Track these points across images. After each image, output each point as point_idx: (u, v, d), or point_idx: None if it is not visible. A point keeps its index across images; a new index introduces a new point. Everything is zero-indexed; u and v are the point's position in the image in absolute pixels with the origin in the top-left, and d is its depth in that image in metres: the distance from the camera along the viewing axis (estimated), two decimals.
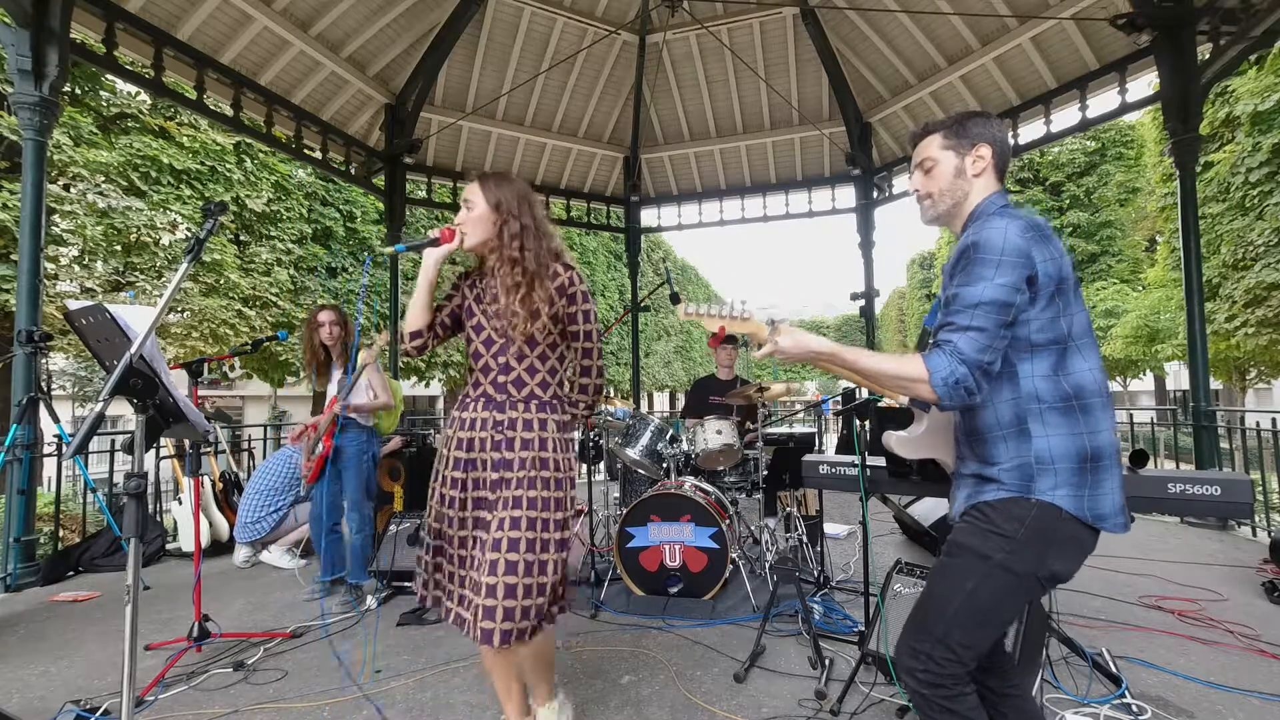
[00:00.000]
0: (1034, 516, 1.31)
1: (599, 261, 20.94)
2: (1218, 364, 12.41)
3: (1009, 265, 1.28)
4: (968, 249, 1.33)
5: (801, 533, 3.70)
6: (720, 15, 7.18)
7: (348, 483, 3.50)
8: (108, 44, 4.64)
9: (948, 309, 1.33)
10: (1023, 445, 1.33)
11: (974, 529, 1.37)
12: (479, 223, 1.88)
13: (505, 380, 1.86)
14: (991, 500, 1.36)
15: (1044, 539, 1.32)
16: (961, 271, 1.33)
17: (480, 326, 1.90)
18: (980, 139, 1.45)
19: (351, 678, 2.55)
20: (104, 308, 1.88)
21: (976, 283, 1.29)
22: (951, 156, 1.47)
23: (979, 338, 1.27)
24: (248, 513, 4.36)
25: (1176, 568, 3.81)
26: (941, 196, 1.48)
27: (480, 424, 1.85)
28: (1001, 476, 1.35)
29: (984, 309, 1.28)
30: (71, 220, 7.95)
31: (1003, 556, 1.32)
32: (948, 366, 1.27)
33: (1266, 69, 9.50)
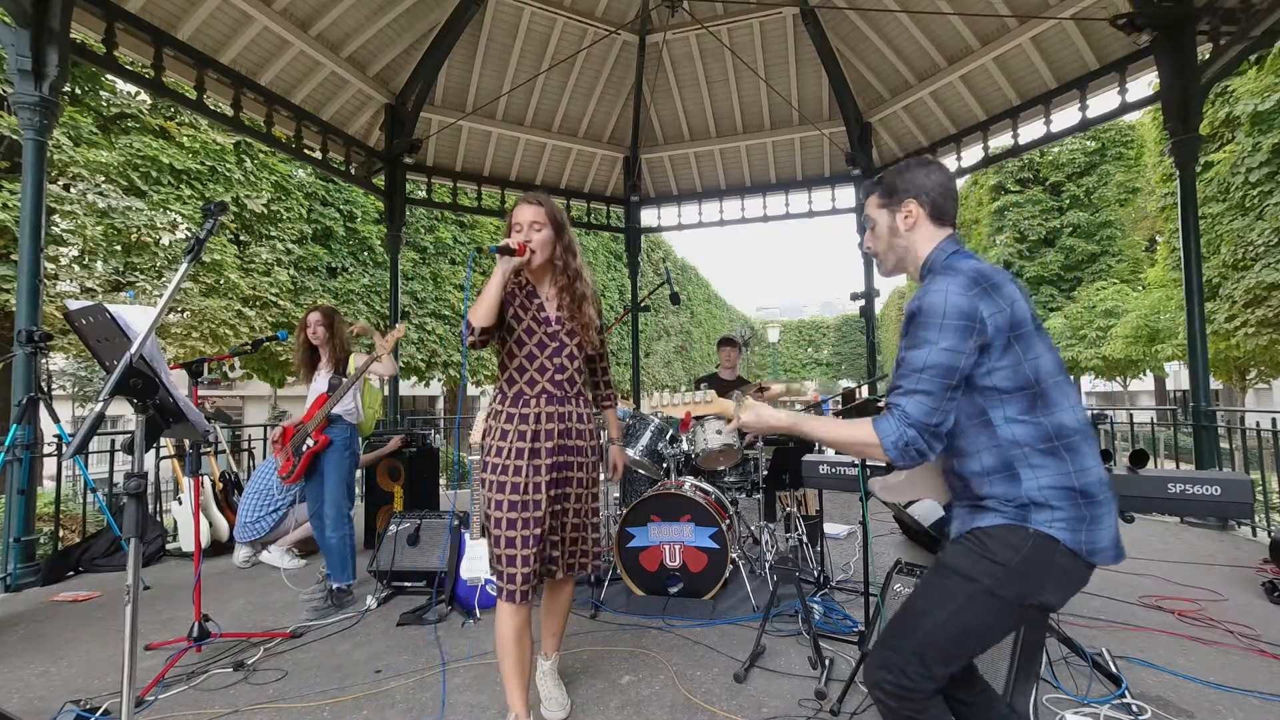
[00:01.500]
0: (1030, 547, 1.31)
1: (599, 261, 20.93)
2: (1218, 364, 12.41)
3: (951, 329, 1.31)
4: (913, 314, 1.36)
5: (801, 533, 3.70)
6: (720, 15, 7.18)
7: (329, 478, 3.43)
8: (108, 44, 4.64)
9: (896, 371, 1.37)
10: (1014, 487, 1.34)
11: (966, 552, 1.37)
12: (548, 243, 2.13)
13: (562, 379, 2.15)
14: (988, 527, 1.35)
15: (1039, 569, 1.31)
16: (908, 335, 1.37)
17: (531, 330, 2.13)
18: (906, 195, 1.49)
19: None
20: (104, 308, 1.88)
21: (921, 346, 1.33)
22: (885, 215, 1.53)
23: (925, 401, 1.31)
24: (247, 512, 4.36)
25: (1176, 568, 3.81)
26: (886, 254, 1.55)
27: (546, 418, 2.11)
28: (1000, 506, 1.35)
29: (929, 373, 1.31)
30: (71, 220, 7.95)
31: (990, 583, 1.32)
32: (896, 430, 1.31)
33: (1266, 69, 9.51)
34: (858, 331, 33.92)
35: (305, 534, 4.37)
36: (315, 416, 3.42)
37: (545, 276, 2.20)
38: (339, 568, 3.43)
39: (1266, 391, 21.93)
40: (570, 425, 2.15)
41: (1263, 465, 5.11)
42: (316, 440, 3.41)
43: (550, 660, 2.34)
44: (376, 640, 2.96)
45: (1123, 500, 2.12)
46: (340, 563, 3.43)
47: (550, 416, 2.11)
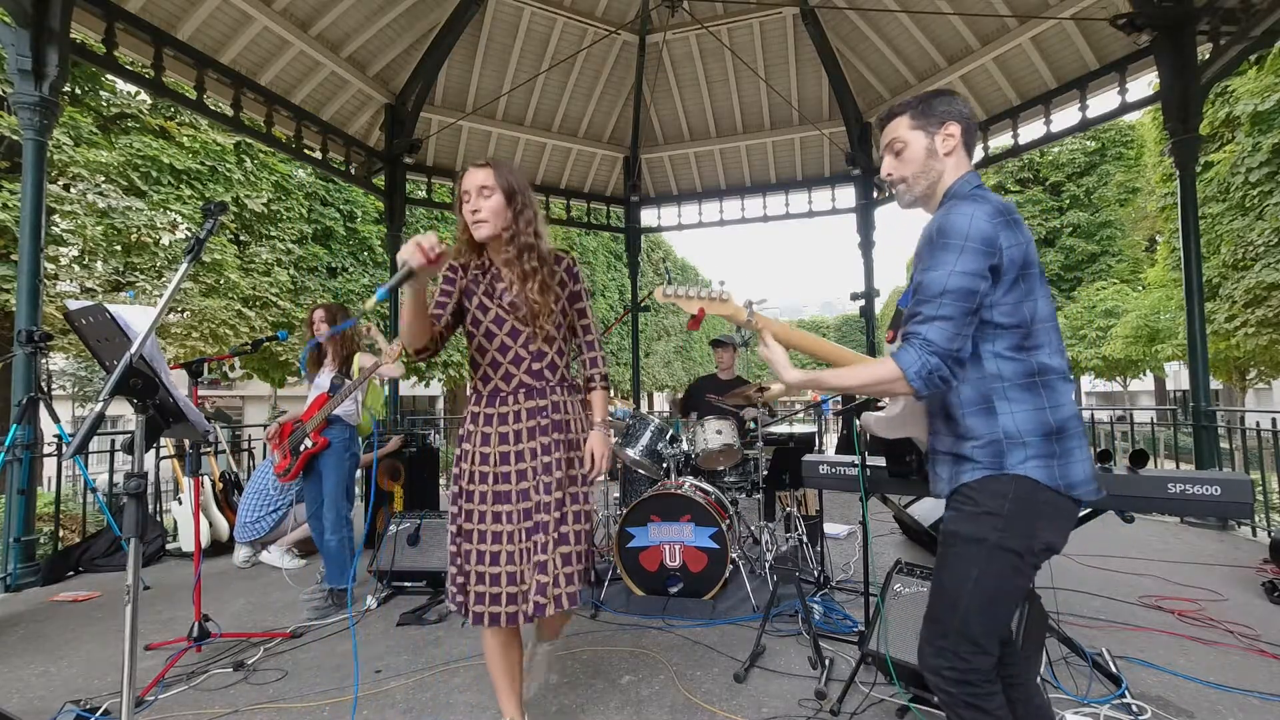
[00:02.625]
0: (1013, 491, 1.33)
1: (599, 261, 20.93)
2: (1218, 364, 12.41)
3: (971, 252, 1.29)
4: (933, 234, 1.33)
5: (801, 533, 3.70)
6: (720, 15, 7.18)
7: (327, 479, 3.37)
8: (108, 44, 4.64)
9: (914, 298, 1.34)
10: (990, 422, 1.35)
11: (962, 514, 1.39)
12: (498, 212, 1.82)
13: (541, 366, 1.90)
14: (971, 481, 1.37)
15: (1029, 511, 1.33)
16: (926, 257, 1.34)
17: (501, 319, 1.87)
18: (948, 116, 1.44)
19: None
20: (104, 308, 1.88)
21: (939, 268, 1.30)
22: (921, 137, 1.45)
23: (946, 326, 1.29)
24: (247, 512, 4.35)
25: (1176, 568, 3.81)
26: (915, 179, 1.47)
27: (527, 414, 1.88)
28: (975, 454, 1.37)
29: (949, 297, 1.29)
30: (71, 220, 7.95)
31: (997, 536, 1.33)
32: (918, 359, 1.29)
33: (1266, 69, 9.50)
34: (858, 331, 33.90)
35: (306, 534, 4.37)
36: (315, 416, 3.38)
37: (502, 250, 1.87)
38: (337, 571, 3.37)
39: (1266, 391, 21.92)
40: (558, 418, 1.89)
41: (1263, 465, 5.11)
42: (315, 441, 3.38)
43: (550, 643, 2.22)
44: (376, 640, 2.95)
45: (1123, 500, 2.12)
46: (339, 566, 3.37)
47: (531, 412, 1.87)
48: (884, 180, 1.51)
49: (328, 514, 3.36)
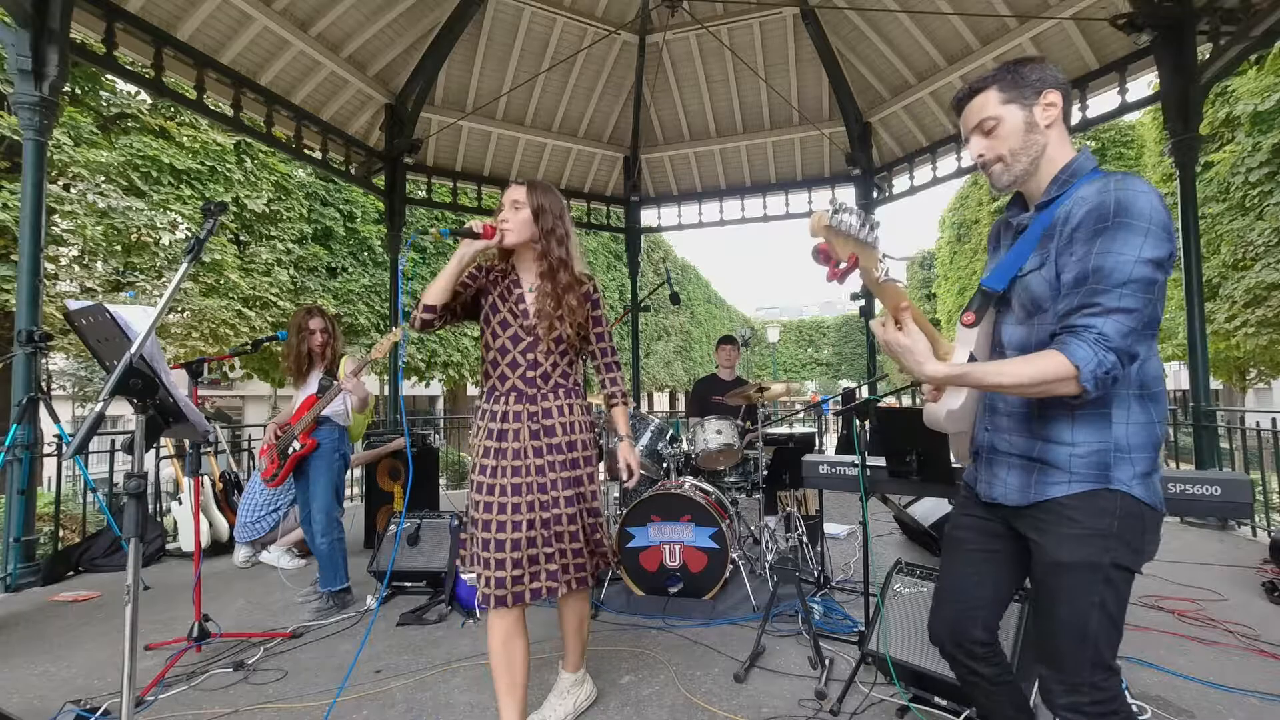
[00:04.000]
0: (1120, 508, 1.22)
1: (599, 261, 20.92)
2: (1218, 364, 12.41)
3: (1157, 237, 1.13)
4: (1107, 211, 1.15)
5: (801, 533, 3.70)
6: (720, 15, 7.18)
7: (316, 481, 3.32)
8: (108, 44, 4.64)
9: (1084, 286, 1.16)
10: (1101, 430, 1.22)
11: (1067, 538, 1.24)
12: (524, 225, 2.01)
13: (534, 375, 2.02)
14: (1064, 498, 1.24)
15: (1136, 525, 1.23)
16: (1101, 237, 1.15)
17: (507, 323, 2.03)
18: (1044, 84, 1.28)
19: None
20: (104, 308, 1.88)
21: (1124, 253, 1.13)
22: (1016, 110, 1.29)
23: (1126, 320, 1.13)
24: (247, 513, 4.35)
25: (1176, 568, 3.80)
26: (1016, 156, 1.30)
27: (515, 416, 2.00)
28: (1074, 465, 1.24)
29: (1133, 287, 1.12)
30: (71, 220, 7.95)
31: (1111, 557, 1.22)
32: (1095, 357, 1.12)
33: (1266, 69, 9.50)
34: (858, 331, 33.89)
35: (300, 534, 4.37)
36: (303, 419, 3.35)
37: (529, 261, 2.08)
38: (330, 574, 3.34)
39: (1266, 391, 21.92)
40: (551, 423, 2.00)
41: (1263, 465, 5.11)
42: (304, 443, 3.33)
43: (573, 674, 2.20)
44: (376, 640, 2.95)
45: None
46: (331, 569, 3.33)
47: (519, 415, 1.99)
48: (976, 162, 1.35)
49: (316, 517, 3.30)
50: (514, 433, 1.98)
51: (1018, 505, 1.32)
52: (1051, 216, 1.26)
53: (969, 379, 1.24)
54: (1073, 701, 1.25)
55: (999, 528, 1.42)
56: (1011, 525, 1.38)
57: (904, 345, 1.19)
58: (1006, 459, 1.35)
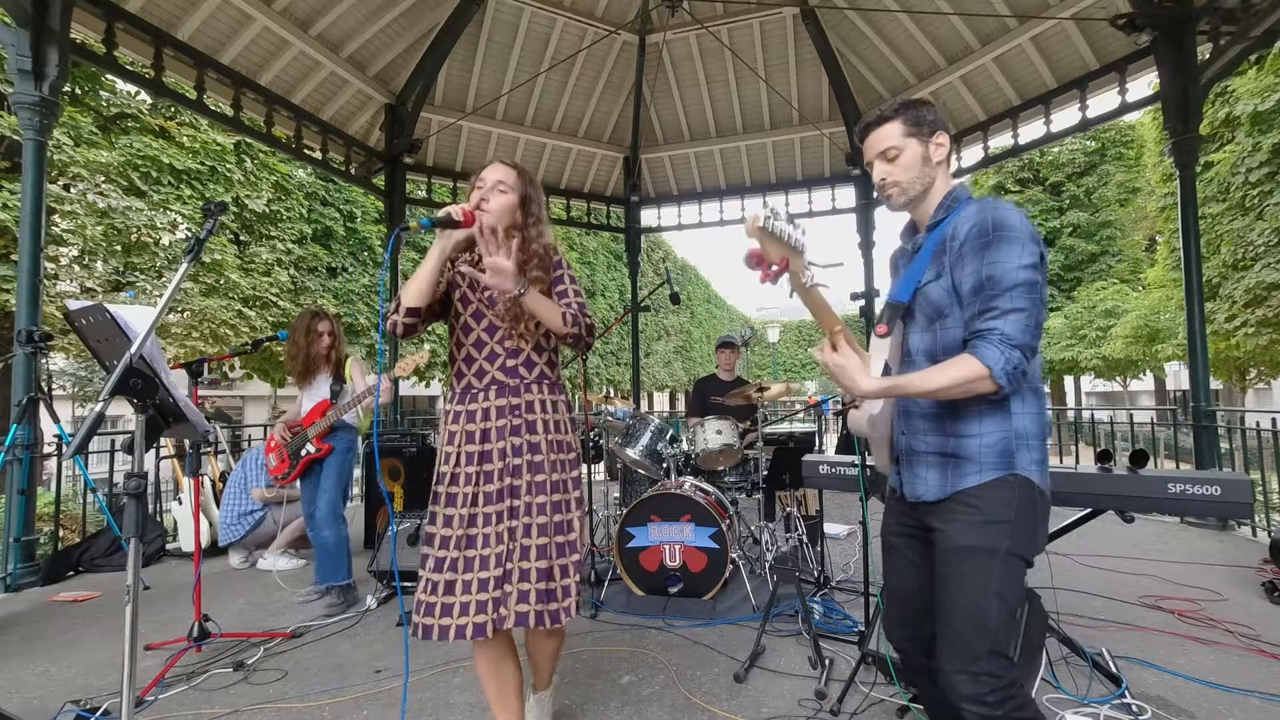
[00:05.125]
0: (1019, 495, 1.35)
1: (599, 261, 20.93)
2: (1218, 364, 12.42)
3: (1029, 246, 1.31)
4: (987, 227, 1.33)
5: (801, 533, 3.70)
6: (720, 15, 7.17)
7: (327, 479, 3.41)
8: (108, 44, 4.63)
9: (981, 294, 1.32)
10: (1004, 421, 1.36)
11: (969, 526, 1.35)
12: (506, 211, 1.83)
13: (516, 364, 1.84)
14: (974, 486, 1.36)
15: (1030, 514, 1.36)
16: (987, 251, 1.32)
17: (480, 314, 1.86)
18: (937, 126, 1.47)
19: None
20: (104, 308, 1.88)
21: (1007, 262, 1.30)
22: (915, 144, 1.47)
23: (1020, 319, 1.28)
24: (225, 514, 4.35)
25: (1176, 568, 3.81)
26: (912, 184, 1.48)
27: (497, 413, 1.81)
28: (982, 455, 1.36)
29: (1021, 289, 1.29)
30: (71, 220, 7.96)
31: (1009, 544, 1.33)
32: (1002, 355, 1.26)
33: (1266, 69, 9.51)
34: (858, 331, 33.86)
35: (295, 533, 4.36)
36: (317, 423, 3.41)
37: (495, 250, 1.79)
38: (334, 567, 3.36)
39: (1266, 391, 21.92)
40: (533, 418, 1.82)
41: (1263, 465, 5.11)
42: (318, 447, 3.41)
43: (542, 692, 2.04)
44: (376, 640, 2.95)
45: (1123, 500, 2.12)
46: (336, 562, 3.36)
47: (502, 411, 1.80)
48: (877, 185, 1.52)
49: (323, 511, 3.36)
50: (497, 431, 1.79)
51: (937, 499, 1.42)
52: (940, 235, 1.43)
53: (899, 390, 1.35)
54: (975, 692, 1.29)
55: (923, 529, 1.49)
56: (927, 522, 1.46)
57: (839, 364, 1.31)
58: (925, 458, 1.45)
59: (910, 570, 1.53)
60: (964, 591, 1.34)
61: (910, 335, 1.50)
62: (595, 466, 5.02)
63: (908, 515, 1.53)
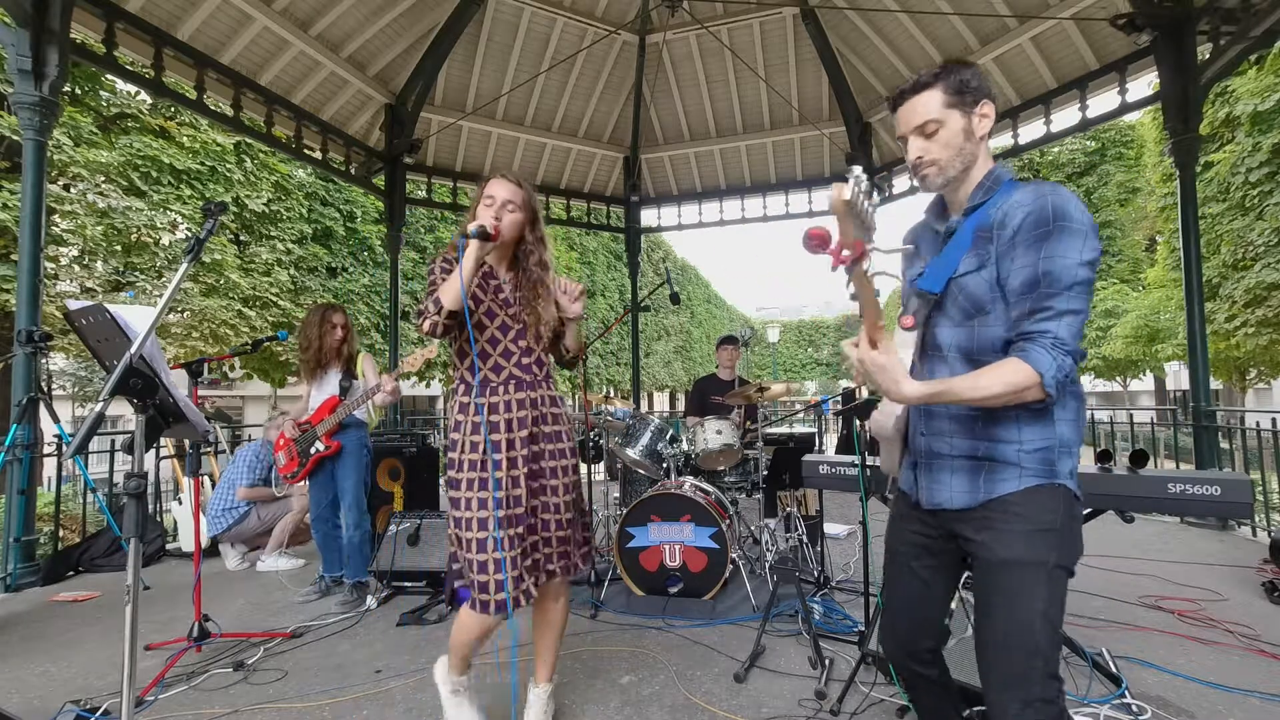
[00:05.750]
0: (1063, 502, 1.24)
1: (599, 261, 20.93)
2: (1218, 364, 12.42)
3: (1092, 240, 1.18)
4: (1047, 215, 1.18)
5: (801, 533, 3.70)
6: (720, 15, 7.17)
7: (345, 479, 3.47)
8: (108, 44, 4.63)
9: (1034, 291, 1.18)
10: (1046, 427, 1.24)
11: (1014, 536, 1.23)
12: (516, 225, 2.01)
13: (530, 361, 2.02)
14: (1014, 494, 1.24)
15: (1074, 524, 1.25)
16: (1045, 242, 1.18)
17: (493, 313, 2.00)
18: (981, 94, 1.30)
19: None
20: (104, 308, 1.88)
21: (1068, 256, 1.16)
22: (957, 116, 1.29)
23: (1075, 322, 1.16)
24: (211, 506, 4.35)
25: (1176, 568, 3.81)
26: (950, 163, 1.30)
27: (517, 405, 1.98)
28: (1023, 461, 1.24)
29: (1078, 289, 1.16)
30: (71, 220, 7.95)
31: (1055, 555, 1.22)
32: (1054, 362, 1.14)
33: (1266, 69, 9.50)
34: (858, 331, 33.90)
35: (286, 532, 4.36)
36: (326, 420, 3.41)
37: (504, 260, 2.07)
38: (359, 564, 3.49)
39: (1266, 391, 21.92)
40: (543, 411, 2.02)
41: (1263, 465, 5.11)
42: (327, 444, 3.42)
43: (541, 687, 2.12)
44: (376, 640, 2.95)
45: (1123, 500, 2.12)
46: (360, 560, 3.50)
47: (522, 404, 1.98)
48: (912, 164, 1.33)
49: (349, 513, 3.47)
50: (519, 421, 1.96)
51: (965, 507, 1.30)
52: (982, 220, 1.27)
53: (945, 396, 1.20)
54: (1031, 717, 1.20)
55: (937, 536, 1.39)
56: (952, 529, 1.35)
57: (880, 364, 1.15)
58: (949, 461, 1.33)
59: (914, 585, 1.44)
60: (1013, 611, 1.22)
61: (938, 329, 1.35)
62: (595, 466, 5.01)
63: (921, 523, 1.41)
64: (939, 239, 1.40)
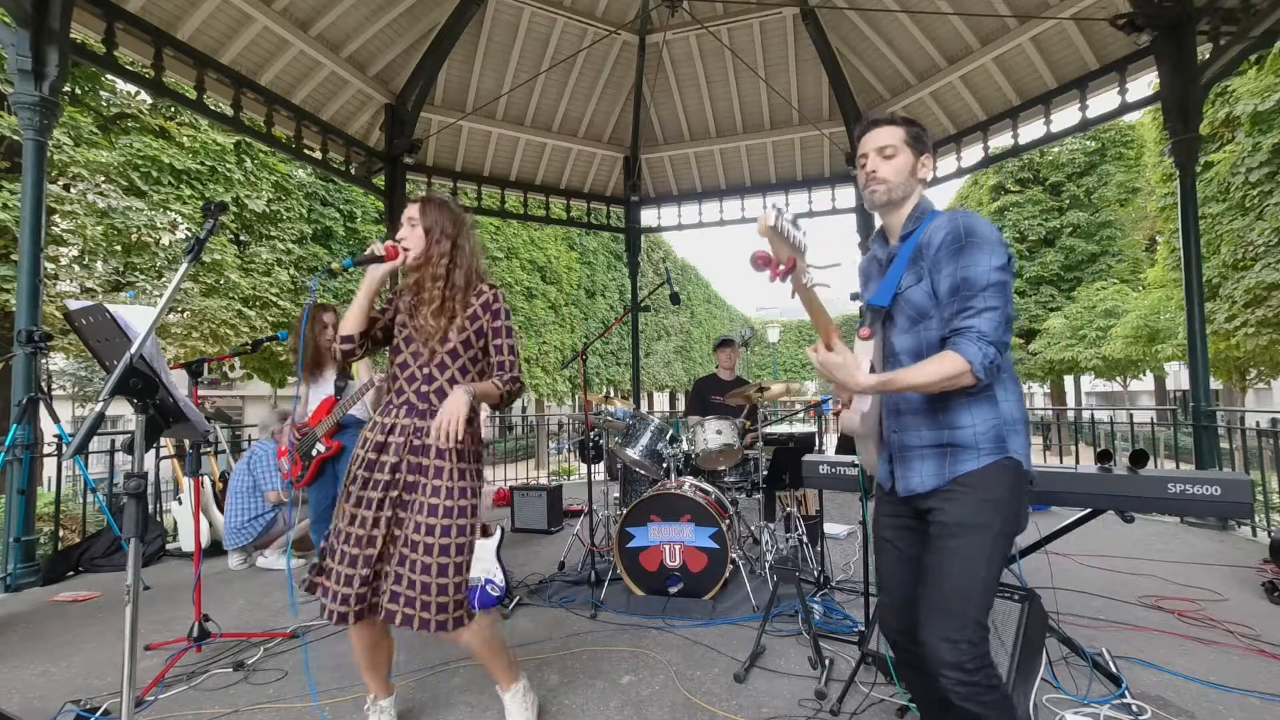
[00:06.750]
0: (1011, 476, 1.46)
1: (599, 261, 20.93)
2: (1218, 364, 12.40)
3: (1002, 250, 1.43)
4: (960, 235, 1.44)
5: (801, 533, 3.70)
6: (720, 15, 7.17)
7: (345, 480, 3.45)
8: (108, 44, 4.64)
9: (957, 295, 1.43)
10: (992, 408, 1.48)
11: (963, 503, 1.45)
12: (418, 241, 2.02)
13: (429, 390, 1.98)
14: (973, 470, 1.46)
15: (1018, 495, 1.47)
16: (960, 255, 1.44)
17: (410, 339, 2.02)
18: (927, 150, 1.61)
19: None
20: (104, 308, 1.88)
21: (979, 265, 1.41)
22: (909, 153, 1.58)
23: (994, 316, 1.39)
24: (232, 518, 4.33)
25: (1176, 568, 3.81)
26: (895, 188, 1.57)
27: (399, 429, 1.96)
28: (978, 442, 1.46)
29: (993, 290, 1.40)
30: (71, 220, 7.95)
31: (1000, 522, 1.43)
32: (980, 351, 1.36)
33: (1266, 69, 9.50)
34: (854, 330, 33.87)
35: (300, 533, 4.36)
36: (324, 421, 3.40)
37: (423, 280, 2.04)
38: None
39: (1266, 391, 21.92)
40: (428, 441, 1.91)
41: (1263, 465, 5.11)
42: (328, 445, 3.41)
43: (510, 692, 2.12)
44: None
45: (1123, 500, 2.12)
46: None
47: (403, 429, 1.94)
48: (866, 176, 1.59)
49: None
50: (396, 446, 1.94)
51: (934, 488, 1.50)
52: (914, 243, 1.54)
53: (891, 384, 1.42)
54: (956, 659, 1.37)
55: (912, 517, 1.60)
56: (920, 510, 1.56)
57: (836, 363, 1.37)
58: (919, 451, 1.54)
59: (901, 563, 1.62)
60: (955, 562, 1.43)
61: (893, 336, 1.58)
62: (595, 466, 5.01)
63: (899, 508, 1.62)
64: (882, 265, 1.66)
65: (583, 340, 18.25)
